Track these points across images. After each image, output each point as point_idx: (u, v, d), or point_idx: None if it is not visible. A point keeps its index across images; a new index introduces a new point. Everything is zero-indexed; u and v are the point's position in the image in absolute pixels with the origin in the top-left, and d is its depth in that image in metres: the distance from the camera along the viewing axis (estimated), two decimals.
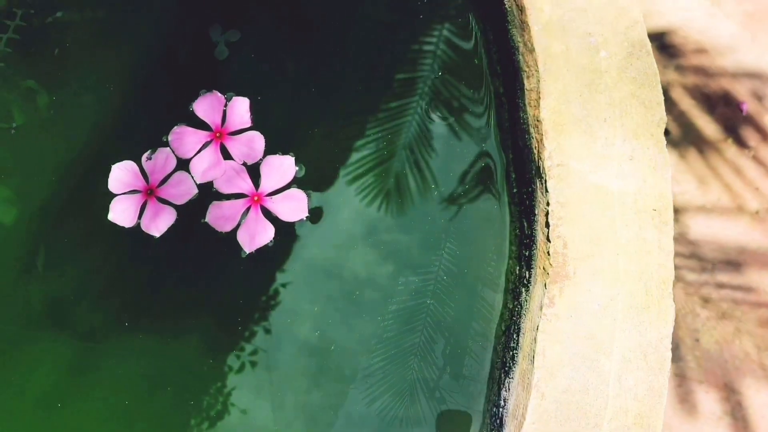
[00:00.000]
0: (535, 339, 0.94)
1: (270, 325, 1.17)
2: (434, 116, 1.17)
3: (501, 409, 1.01)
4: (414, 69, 1.19)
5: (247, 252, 1.16)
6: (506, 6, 1.04)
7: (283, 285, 1.18)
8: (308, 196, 1.17)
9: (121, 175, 1.18)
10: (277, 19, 1.23)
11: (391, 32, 1.20)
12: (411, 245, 1.13)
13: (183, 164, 1.18)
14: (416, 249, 1.13)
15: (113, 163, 1.19)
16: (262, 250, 1.16)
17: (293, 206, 1.15)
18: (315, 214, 1.17)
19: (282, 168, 1.15)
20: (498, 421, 1.02)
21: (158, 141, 1.19)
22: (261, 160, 1.18)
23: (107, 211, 1.18)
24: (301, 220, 1.17)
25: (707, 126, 1.49)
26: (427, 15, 1.20)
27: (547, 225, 0.95)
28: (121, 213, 1.17)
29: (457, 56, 1.18)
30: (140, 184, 1.18)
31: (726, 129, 1.49)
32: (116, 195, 1.18)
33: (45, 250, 1.20)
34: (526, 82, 1.00)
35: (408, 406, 1.13)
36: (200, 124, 1.18)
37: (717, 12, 1.50)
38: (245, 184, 1.15)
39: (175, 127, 1.18)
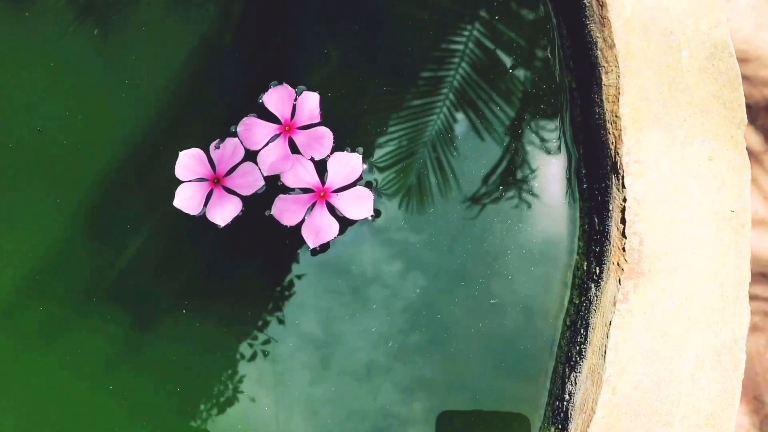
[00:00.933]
0: (607, 334, 0.93)
1: (284, 316, 1.18)
2: (500, 111, 1.16)
3: (566, 403, 1.01)
4: (487, 63, 1.19)
5: (311, 247, 1.15)
6: (585, 1, 1.04)
7: (298, 277, 1.19)
8: (376, 195, 1.16)
9: (189, 162, 1.19)
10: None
11: (460, 24, 1.20)
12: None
13: (251, 156, 1.18)
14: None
15: (181, 149, 1.19)
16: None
17: (359, 204, 1.16)
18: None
19: (349, 165, 1.16)
20: (562, 414, 1.02)
21: (227, 131, 1.19)
22: (328, 156, 1.16)
23: (172, 196, 1.18)
24: (366, 219, 1.16)
25: (748, 136, 1.49)
26: (499, 8, 1.19)
27: (623, 221, 0.95)
28: (187, 200, 1.18)
29: (528, 50, 1.18)
30: (207, 172, 1.18)
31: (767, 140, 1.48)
32: (182, 181, 1.18)
33: (108, 226, 1.22)
34: (604, 77, 1.01)
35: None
36: (269, 117, 1.17)
37: (764, 22, 1.50)
38: (312, 179, 1.16)
39: (245, 118, 1.18)
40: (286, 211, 1.16)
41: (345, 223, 1.17)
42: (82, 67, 1.27)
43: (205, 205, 1.18)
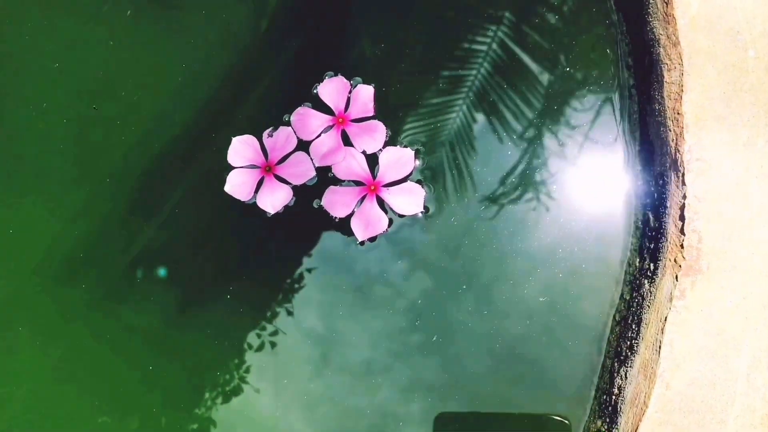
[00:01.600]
0: (662, 330, 0.92)
1: (292, 308, 1.19)
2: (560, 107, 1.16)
3: (614, 397, 1.00)
4: (544, 60, 1.20)
5: (360, 239, 1.15)
6: None
7: (309, 270, 1.20)
8: (427, 191, 1.16)
9: (241, 148, 1.19)
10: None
11: (522, 22, 1.20)
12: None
13: (303, 146, 1.18)
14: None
15: (234, 135, 1.20)
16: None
17: (409, 200, 1.16)
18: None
19: (401, 160, 1.16)
20: (610, 408, 1.01)
21: (280, 119, 1.20)
22: (380, 150, 1.16)
23: (220, 181, 1.19)
24: (416, 214, 1.16)
25: None
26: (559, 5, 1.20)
27: (682, 218, 0.94)
28: (238, 186, 1.19)
29: (586, 46, 1.19)
30: (259, 159, 1.19)
31: None
32: (234, 167, 1.18)
33: (155, 206, 1.23)
34: (666, 74, 1.01)
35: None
36: (323, 107, 1.18)
37: None
38: (363, 173, 1.16)
39: (299, 107, 1.18)
40: (336, 203, 1.17)
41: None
42: (141, 48, 1.28)
43: (256, 192, 1.18)
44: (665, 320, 0.93)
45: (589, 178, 1.16)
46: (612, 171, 1.16)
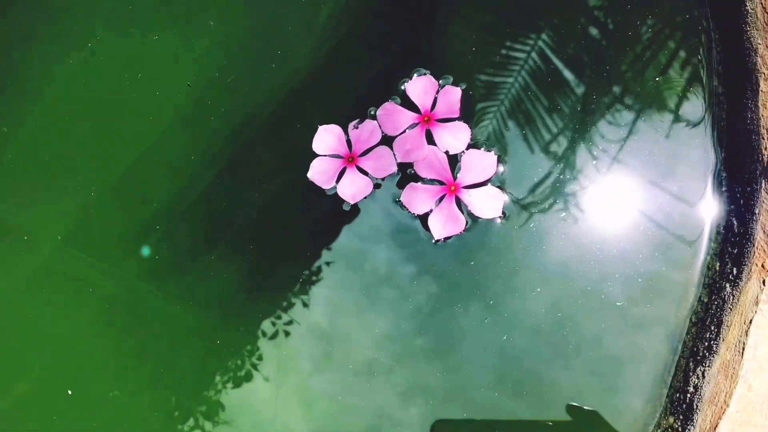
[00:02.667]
0: (746, 332, 0.91)
1: (308, 300, 1.19)
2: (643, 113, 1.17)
3: (689, 395, 0.98)
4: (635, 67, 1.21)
5: (436, 238, 1.17)
6: (748, 7, 1.04)
7: (327, 263, 1.21)
8: (506, 196, 1.18)
9: (327, 137, 1.22)
10: None
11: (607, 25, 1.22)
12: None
13: (386, 140, 1.20)
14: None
15: (320, 124, 1.22)
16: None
17: (489, 203, 1.17)
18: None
19: (484, 164, 1.18)
20: (685, 405, 0.99)
21: (365, 111, 1.23)
22: (463, 151, 1.17)
23: (296, 166, 1.22)
24: (494, 219, 1.17)
25: None
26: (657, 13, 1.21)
27: None
28: (320, 173, 1.21)
29: (673, 52, 1.20)
30: (343, 150, 1.21)
31: None
32: (318, 155, 1.20)
33: (231, 185, 1.25)
34: (762, 84, 1.00)
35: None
36: (409, 104, 1.20)
37: None
38: (445, 172, 1.17)
39: (386, 103, 1.21)
40: (416, 199, 1.18)
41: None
42: (238, 31, 1.32)
43: (337, 181, 1.19)
44: (750, 323, 0.91)
45: (667, 183, 1.17)
46: (692, 177, 1.16)
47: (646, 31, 1.22)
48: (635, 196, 1.17)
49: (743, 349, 0.92)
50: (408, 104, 1.22)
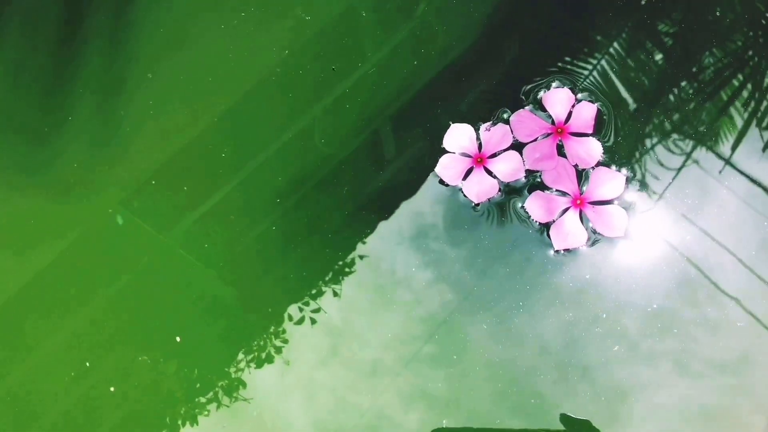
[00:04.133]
0: None
1: (340, 290, 1.21)
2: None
3: None
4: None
5: (556, 249, 1.19)
6: None
7: (360, 257, 1.22)
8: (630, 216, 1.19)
9: (458, 135, 1.23)
10: None
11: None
12: None
13: (516, 146, 1.21)
14: None
15: (453, 122, 1.23)
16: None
17: (611, 222, 1.18)
18: None
19: (612, 183, 1.19)
20: None
21: (499, 115, 1.24)
22: (592, 168, 1.19)
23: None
24: (616, 237, 1.19)
25: None
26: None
27: None
28: (447, 169, 1.22)
29: None
30: (473, 149, 1.22)
31: None
32: (447, 151, 1.22)
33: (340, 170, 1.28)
34: None
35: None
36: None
37: None
38: (572, 185, 1.18)
39: (521, 109, 1.22)
40: (540, 207, 1.19)
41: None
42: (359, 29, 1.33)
43: (464, 179, 1.21)
44: None
45: (704, 222, 1.19)
46: (734, 225, 1.19)
47: (712, 63, 1.24)
48: (671, 229, 1.20)
49: None
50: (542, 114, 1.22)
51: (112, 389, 1.21)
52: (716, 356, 1.13)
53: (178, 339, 1.22)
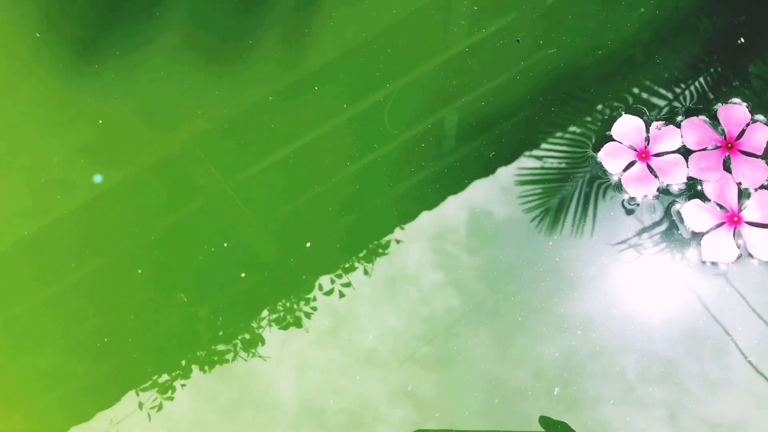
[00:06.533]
0: None
1: (372, 269, 1.20)
2: None
3: None
4: None
5: (703, 259, 1.17)
6: None
7: (397, 241, 1.21)
8: None
9: (628, 126, 1.22)
10: None
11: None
12: None
13: (682, 152, 1.20)
14: None
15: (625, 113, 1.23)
16: None
17: (766, 246, 1.16)
18: None
19: None
20: None
21: (671, 118, 1.23)
22: (756, 189, 1.18)
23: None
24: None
25: None
26: None
27: None
28: (610, 157, 1.22)
29: None
30: (639, 143, 1.21)
31: None
32: (614, 140, 1.22)
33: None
34: None
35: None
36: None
37: None
38: (731, 201, 1.17)
39: (694, 117, 1.21)
40: (697, 217, 1.18)
41: None
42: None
43: (624, 170, 1.21)
44: None
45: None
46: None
47: None
48: (696, 275, 1.18)
49: None
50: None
51: (140, 318, 1.22)
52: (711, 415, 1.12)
53: (242, 275, 1.22)
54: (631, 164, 1.20)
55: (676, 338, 1.14)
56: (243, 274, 1.21)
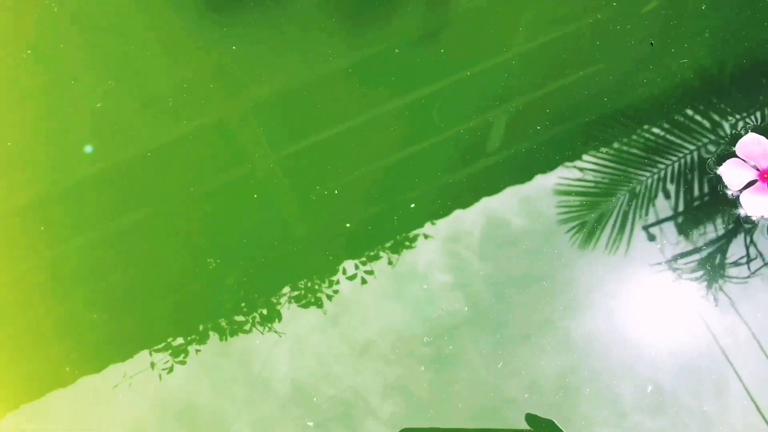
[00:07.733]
0: None
1: (395, 260, 1.16)
2: None
3: None
4: None
5: None
6: None
7: (425, 236, 1.17)
8: None
9: (753, 145, 1.16)
10: None
11: None
12: None
13: None
14: None
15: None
16: None
17: None
18: None
19: None
20: None
21: None
22: None
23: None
24: None
25: None
26: None
27: None
28: (730, 174, 1.16)
29: None
30: (763, 163, 1.15)
31: None
32: (737, 156, 1.16)
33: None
34: None
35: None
36: None
37: None
38: None
39: None
40: None
41: None
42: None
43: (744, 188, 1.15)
44: None
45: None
46: None
47: None
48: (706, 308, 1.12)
49: None
50: None
51: (165, 277, 1.20)
52: None
53: (275, 244, 1.20)
54: (752, 183, 1.15)
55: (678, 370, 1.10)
56: (276, 243, 1.19)
